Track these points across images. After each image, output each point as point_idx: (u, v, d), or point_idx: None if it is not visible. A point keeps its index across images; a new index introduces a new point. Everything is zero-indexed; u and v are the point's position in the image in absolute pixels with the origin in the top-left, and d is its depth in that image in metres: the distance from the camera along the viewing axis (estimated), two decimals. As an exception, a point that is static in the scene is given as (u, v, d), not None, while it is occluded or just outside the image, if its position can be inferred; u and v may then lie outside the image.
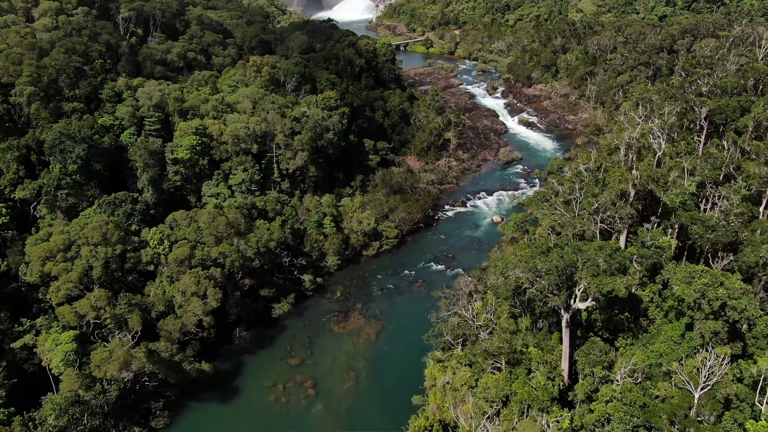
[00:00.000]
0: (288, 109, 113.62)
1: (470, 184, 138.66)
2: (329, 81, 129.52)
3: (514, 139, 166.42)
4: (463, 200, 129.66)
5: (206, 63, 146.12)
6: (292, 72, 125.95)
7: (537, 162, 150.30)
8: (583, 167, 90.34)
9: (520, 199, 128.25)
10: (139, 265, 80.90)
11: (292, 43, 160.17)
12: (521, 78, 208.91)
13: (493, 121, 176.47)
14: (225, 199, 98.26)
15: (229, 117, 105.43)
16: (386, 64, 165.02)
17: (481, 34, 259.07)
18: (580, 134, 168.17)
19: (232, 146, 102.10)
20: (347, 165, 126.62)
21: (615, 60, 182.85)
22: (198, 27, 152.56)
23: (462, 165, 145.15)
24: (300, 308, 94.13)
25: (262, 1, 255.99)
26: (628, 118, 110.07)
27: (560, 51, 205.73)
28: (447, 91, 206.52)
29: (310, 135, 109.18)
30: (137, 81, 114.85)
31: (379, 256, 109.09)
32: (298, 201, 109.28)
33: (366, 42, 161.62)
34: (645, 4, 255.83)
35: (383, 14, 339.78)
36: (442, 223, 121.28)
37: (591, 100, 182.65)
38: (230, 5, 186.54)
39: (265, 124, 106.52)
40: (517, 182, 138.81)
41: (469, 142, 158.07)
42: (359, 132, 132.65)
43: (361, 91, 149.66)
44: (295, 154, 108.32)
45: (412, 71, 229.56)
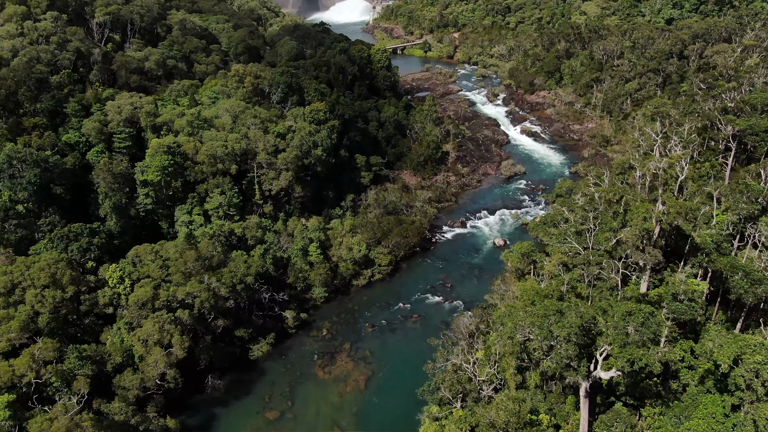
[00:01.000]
0: (272, 124, 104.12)
1: (470, 202, 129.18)
2: (318, 91, 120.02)
3: (516, 151, 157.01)
4: (463, 220, 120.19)
5: (188, 71, 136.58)
6: (278, 82, 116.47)
7: (542, 176, 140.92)
8: (596, 194, 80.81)
9: (524, 220, 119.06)
10: (96, 308, 71.34)
11: (281, 49, 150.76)
12: (523, 84, 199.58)
13: (494, 130, 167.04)
14: (199, 226, 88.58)
15: (205, 134, 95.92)
16: (381, 71, 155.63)
17: (481, 37, 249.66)
18: (586, 145, 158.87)
19: (209, 166, 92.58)
20: (337, 183, 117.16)
21: (622, 66, 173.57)
22: (180, 32, 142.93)
23: (461, 180, 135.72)
24: (281, 348, 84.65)
25: (253, 3, 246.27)
26: (644, 136, 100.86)
27: (564, 56, 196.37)
28: (445, 98, 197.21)
29: (295, 153, 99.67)
30: (107, 93, 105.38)
31: (370, 286, 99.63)
32: (282, 225, 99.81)
33: (359, 48, 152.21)
34: (651, 7, 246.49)
35: (380, 16, 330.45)
36: (439, 246, 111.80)
37: (597, 108, 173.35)
38: (217, 8, 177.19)
39: (245, 142, 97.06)
40: (520, 200, 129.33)
41: (469, 154, 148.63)
42: (351, 146, 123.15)
43: (353, 100, 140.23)
44: (278, 173, 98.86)
45: (410, 76, 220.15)
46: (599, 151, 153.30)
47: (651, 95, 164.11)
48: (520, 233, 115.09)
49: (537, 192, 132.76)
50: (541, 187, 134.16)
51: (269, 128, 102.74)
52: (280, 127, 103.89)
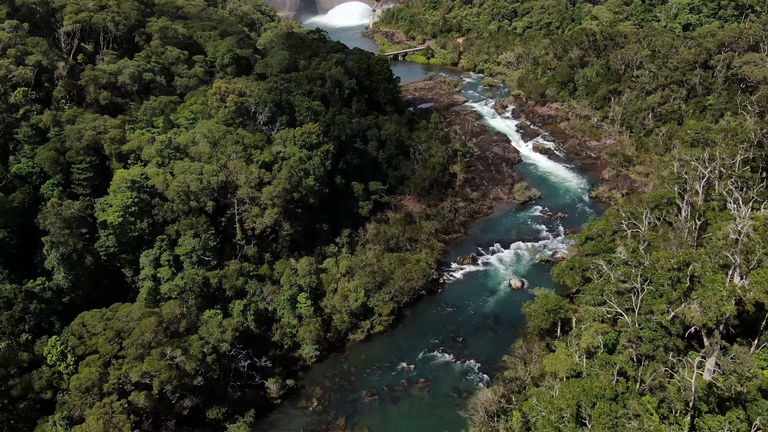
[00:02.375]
0: (257, 151, 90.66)
1: (481, 232, 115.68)
2: (311, 110, 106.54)
3: (529, 171, 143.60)
4: (474, 256, 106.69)
5: (167, 85, 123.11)
6: (265, 101, 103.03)
7: (559, 201, 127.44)
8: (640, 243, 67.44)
9: (543, 256, 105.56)
10: (31, 393, 57.84)
11: (272, 60, 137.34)
12: (534, 95, 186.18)
13: (505, 147, 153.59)
14: (166, 280, 75.03)
15: (178, 165, 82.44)
16: (382, 84, 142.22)
17: (487, 43, 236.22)
18: (605, 165, 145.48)
19: (180, 204, 79.08)
20: (333, 214, 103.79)
21: (643, 77, 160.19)
22: (160, 41, 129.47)
23: (470, 206, 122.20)
24: (263, 425, 71.13)
25: (246, 7, 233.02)
26: (685, 167, 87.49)
27: (578, 65, 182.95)
28: (450, 110, 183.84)
29: (283, 186, 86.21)
30: (68, 114, 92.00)
31: (369, 340, 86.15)
32: (267, 269, 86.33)
33: (358, 59, 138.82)
34: (667, 12, 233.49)
35: (380, 20, 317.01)
36: (448, 288, 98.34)
37: (615, 123, 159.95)
38: (204, 14, 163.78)
39: (224, 174, 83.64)
40: (537, 230, 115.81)
41: (478, 176, 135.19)
42: (348, 171, 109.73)
43: (351, 117, 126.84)
44: (263, 210, 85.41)
45: (412, 86, 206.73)
46: (620, 172, 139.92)
47: (675, 109, 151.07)
48: (540, 272, 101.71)
49: (555, 221, 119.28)
50: (559, 215, 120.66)
51: (253, 156, 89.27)
52: (266, 155, 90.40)
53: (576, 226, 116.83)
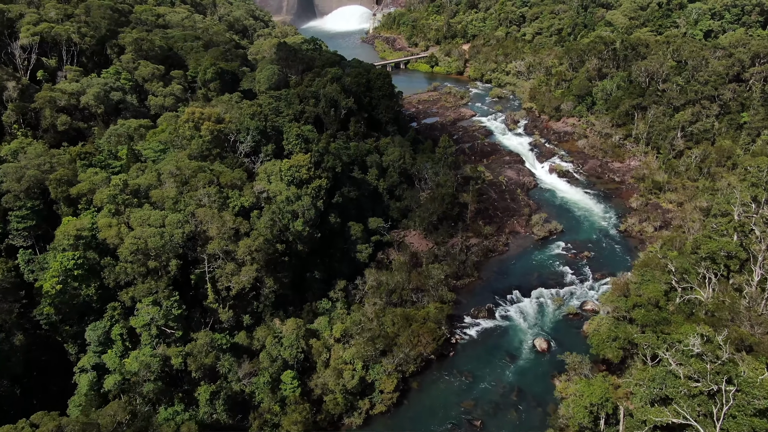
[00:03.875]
0: (234, 192, 75.91)
1: (497, 276, 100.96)
2: (301, 138, 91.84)
3: (547, 198, 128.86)
4: (490, 307, 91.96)
5: (140, 105, 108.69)
6: (247, 127, 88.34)
7: (583, 236, 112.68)
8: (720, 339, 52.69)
9: (570, 308, 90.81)
10: None
11: (260, 75, 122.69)
12: (547, 109, 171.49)
13: (519, 170, 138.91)
14: (115, 368, 60.25)
15: (135, 214, 67.72)
16: (382, 101, 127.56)
17: (495, 51, 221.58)
18: (632, 190, 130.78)
19: (136, 265, 64.36)
20: (326, 259, 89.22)
21: (670, 91, 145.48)
22: (132, 55, 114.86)
23: (484, 243, 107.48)
24: None
25: (238, 13, 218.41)
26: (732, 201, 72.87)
27: (596, 77, 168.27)
28: (457, 125, 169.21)
29: (264, 237, 71.54)
30: (9, 147, 77.42)
31: (368, 423, 71.29)
32: (245, 337, 71.61)
33: (356, 73, 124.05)
34: (687, 17, 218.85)
35: (381, 25, 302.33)
36: (461, 350, 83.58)
37: (640, 142, 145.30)
38: (187, 22, 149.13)
39: (192, 225, 68.95)
40: (561, 273, 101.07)
41: (492, 205, 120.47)
42: (344, 206, 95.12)
43: (348, 140, 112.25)
44: (240, 266, 70.75)
45: (415, 97, 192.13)
46: (649, 200, 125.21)
47: (707, 128, 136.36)
48: (567, 329, 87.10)
49: (581, 260, 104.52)
50: (585, 254, 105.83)
51: (230, 200, 74.48)
52: (247, 197, 75.66)
53: (605, 267, 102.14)
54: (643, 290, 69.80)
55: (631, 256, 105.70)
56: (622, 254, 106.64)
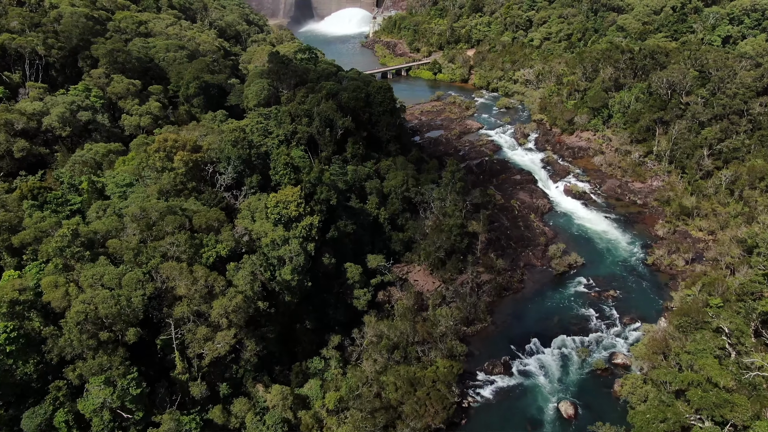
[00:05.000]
0: (210, 237, 64.54)
1: (512, 320, 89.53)
2: (290, 167, 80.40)
3: (563, 224, 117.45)
4: (506, 360, 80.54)
5: (112, 126, 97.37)
6: (228, 156, 76.95)
7: (606, 270, 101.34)
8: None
9: (598, 363, 79.39)
10: None
11: (248, 90, 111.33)
12: (560, 121, 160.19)
13: (532, 191, 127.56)
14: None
15: (87, 271, 56.33)
16: (383, 117, 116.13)
17: (501, 57, 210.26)
18: (656, 215, 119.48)
19: (85, 337, 52.99)
20: (319, 305, 77.95)
21: (695, 106, 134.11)
22: (106, 68, 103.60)
23: (496, 280, 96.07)
24: None
25: (231, 17, 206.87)
26: None
27: (612, 88, 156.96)
28: (463, 139, 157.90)
29: (245, 294, 60.20)
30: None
31: None
32: (220, 413, 60.17)
33: (354, 87, 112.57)
34: (703, 22, 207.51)
35: (381, 29, 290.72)
36: (474, 415, 72.14)
37: (663, 160, 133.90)
38: (171, 30, 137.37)
39: (157, 282, 57.62)
40: (584, 316, 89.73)
41: (504, 234, 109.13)
42: (340, 240, 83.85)
43: (345, 163, 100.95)
44: (214, 330, 59.42)
45: (417, 108, 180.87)
46: (677, 227, 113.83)
47: (738, 146, 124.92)
48: (597, 388, 75.78)
49: (605, 300, 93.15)
50: (610, 293, 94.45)
51: (204, 249, 63.11)
52: (223, 245, 64.25)
53: (634, 308, 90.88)
54: (696, 363, 58.37)
55: (661, 295, 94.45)
56: (652, 292, 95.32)
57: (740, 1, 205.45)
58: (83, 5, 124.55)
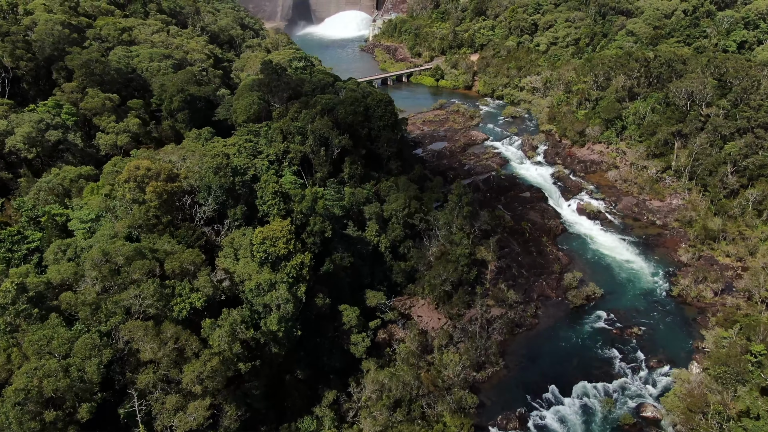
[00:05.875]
0: (183, 285, 55.82)
1: (526, 363, 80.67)
2: (279, 197, 71.66)
3: (577, 248, 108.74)
4: (521, 413, 71.74)
5: (86, 146, 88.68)
6: (209, 185, 68.21)
7: (627, 302, 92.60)
8: None
9: (625, 418, 70.41)
10: None
11: (237, 104, 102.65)
12: (570, 133, 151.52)
13: (543, 211, 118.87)
14: None
15: (32, 335, 47.54)
16: (383, 132, 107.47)
17: (506, 63, 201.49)
18: (678, 238, 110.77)
19: (26, 418, 44.21)
20: (311, 354, 69.25)
21: (717, 118, 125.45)
22: (81, 81, 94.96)
23: (508, 315, 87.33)
24: None
25: (224, 22, 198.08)
26: None
27: (626, 97, 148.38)
28: (468, 151, 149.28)
29: (224, 355, 51.53)
30: None
31: None
32: (194, 495, 51.45)
33: (352, 100, 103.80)
34: (717, 26, 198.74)
35: (381, 32, 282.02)
36: (488, 483, 63.58)
37: (683, 176, 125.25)
38: (157, 37, 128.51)
39: (116, 346, 48.90)
40: (606, 358, 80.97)
41: (515, 261, 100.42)
42: (335, 275, 75.27)
43: (341, 185, 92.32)
44: (187, 398, 50.70)
45: (419, 117, 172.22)
46: (702, 252, 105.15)
47: (765, 163, 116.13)
48: (625, 447, 67.14)
49: (629, 338, 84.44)
50: (634, 330, 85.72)
51: (176, 300, 54.37)
52: (199, 294, 55.51)
53: (661, 349, 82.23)
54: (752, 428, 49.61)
55: (690, 332, 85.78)
56: (680, 329, 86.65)
57: (755, 4, 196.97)
58: (61, 11, 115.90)
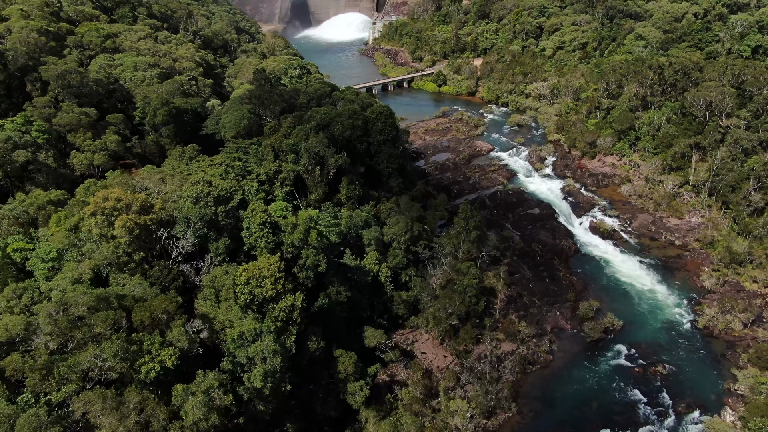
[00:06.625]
0: (153, 341, 48.31)
1: (541, 407, 73.13)
2: (266, 228, 64.18)
3: (591, 271, 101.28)
4: (538, 469, 64.53)
5: (60, 165, 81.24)
6: (187, 217, 60.71)
7: (649, 335, 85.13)
8: None
9: (656, 476, 62.86)
10: None
11: (226, 118, 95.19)
12: (579, 143, 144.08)
13: (554, 230, 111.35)
14: None
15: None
16: (384, 147, 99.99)
17: (511, 69, 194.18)
18: (700, 260, 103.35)
19: None
20: (303, 403, 61.78)
21: (737, 130, 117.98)
22: (55, 93, 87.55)
23: (519, 350, 79.85)
24: None
25: (218, 26, 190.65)
26: None
27: (639, 106, 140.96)
28: (472, 163, 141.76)
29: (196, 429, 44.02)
30: None
31: None
32: None
33: (350, 113, 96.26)
34: (730, 30, 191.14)
35: (381, 35, 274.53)
36: None
37: (702, 191, 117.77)
38: (143, 44, 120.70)
39: (68, 421, 41.38)
40: (629, 402, 73.40)
41: (527, 288, 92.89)
42: (330, 312, 67.85)
43: (338, 207, 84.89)
44: (153, 478, 43.13)
45: (421, 126, 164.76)
46: (726, 276, 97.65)
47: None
48: None
49: (653, 378, 76.91)
50: (658, 369, 78.20)
51: (145, 356, 46.87)
52: (171, 352, 47.96)
53: (689, 391, 74.75)
54: None
55: (720, 371, 78.31)
56: (708, 367, 79.17)
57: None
58: (40, 17, 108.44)
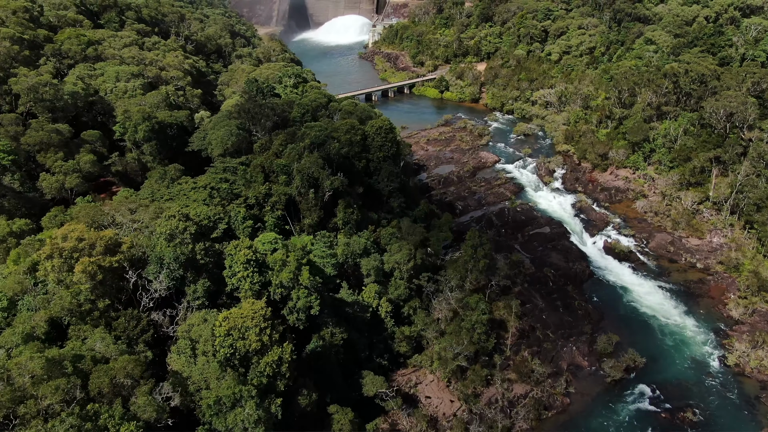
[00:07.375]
0: (110, 415, 40.91)
1: (560, 460, 66.04)
2: (252, 266, 56.78)
3: (608, 297, 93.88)
4: None
5: (27, 189, 73.86)
6: (160, 257, 53.30)
7: (674, 374, 77.74)
8: None
9: None
10: None
11: (213, 134, 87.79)
12: (590, 155, 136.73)
13: (566, 251, 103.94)
14: None
15: None
16: (384, 165, 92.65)
17: (516, 74, 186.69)
18: (723, 284, 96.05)
19: None
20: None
21: (761, 143, 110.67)
22: (29, 108, 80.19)
23: (533, 393, 72.48)
24: None
25: (212, 29, 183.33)
26: None
27: (654, 116, 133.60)
28: (477, 176, 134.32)
29: None
30: None
31: None
32: None
33: (347, 128, 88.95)
34: (743, 34, 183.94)
35: (382, 39, 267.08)
36: None
37: (724, 209, 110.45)
38: (127, 52, 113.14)
39: None
40: (657, 454, 66.22)
41: (539, 320, 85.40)
42: (324, 358, 60.58)
43: (334, 233, 77.57)
44: None
45: (423, 135, 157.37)
46: (755, 305, 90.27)
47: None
48: None
49: (683, 425, 69.51)
50: (687, 414, 70.80)
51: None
52: (132, 427, 40.58)
53: (722, 441, 67.56)
54: None
55: (755, 417, 70.98)
56: (741, 412, 71.81)
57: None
58: (16, 23, 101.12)
